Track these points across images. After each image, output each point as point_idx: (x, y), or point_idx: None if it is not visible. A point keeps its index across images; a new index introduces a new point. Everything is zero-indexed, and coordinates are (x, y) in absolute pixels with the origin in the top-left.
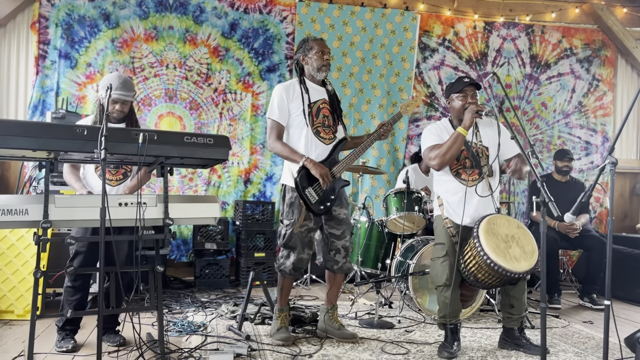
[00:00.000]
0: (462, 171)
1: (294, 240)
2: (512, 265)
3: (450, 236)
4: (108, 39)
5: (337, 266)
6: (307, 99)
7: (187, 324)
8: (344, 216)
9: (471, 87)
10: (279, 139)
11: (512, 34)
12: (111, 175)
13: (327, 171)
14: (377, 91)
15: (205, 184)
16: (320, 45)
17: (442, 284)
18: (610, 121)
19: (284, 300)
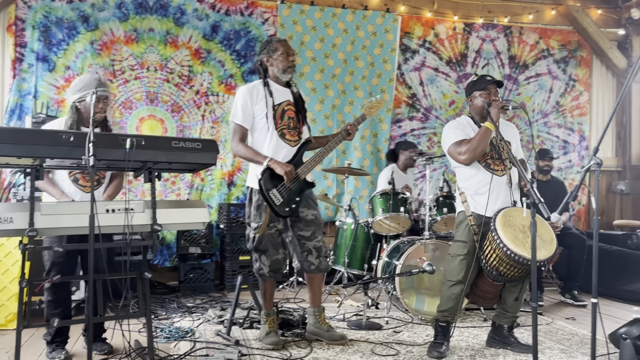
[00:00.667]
0: (491, 162)
1: (265, 243)
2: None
3: (473, 234)
4: (87, 42)
5: (313, 267)
6: (271, 101)
7: (174, 329)
8: (312, 217)
9: (493, 85)
10: (241, 141)
11: (491, 35)
12: (85, 181)
13: (292, 168)
14: (359, 92)
15: (188, 187)
16: (285, 46)
17: (456, 280)
18: (586, 120)
19: (269, 303)
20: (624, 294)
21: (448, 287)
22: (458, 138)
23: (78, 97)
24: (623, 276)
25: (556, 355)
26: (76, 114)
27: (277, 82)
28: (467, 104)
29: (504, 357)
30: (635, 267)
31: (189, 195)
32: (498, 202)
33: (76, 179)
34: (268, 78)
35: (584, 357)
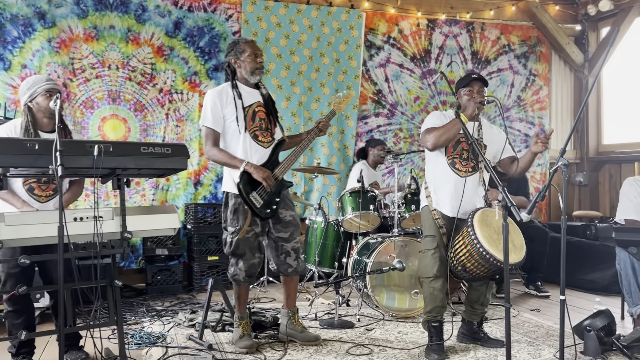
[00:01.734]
0: (457, 161)
1: (242, 247)
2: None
3: (439, 227)
4: (44, 39)
5: (291, 269)
6: (240, 103)
7: (145, 335)
8: (290, 218)
9: (478, 82)
10: (215, 145)
11: (454, 31)
12: (41, 191)
13: (270, 173)
14: (325, 89)
15: (154, 188)
16: (253, 47)
17: (432, 275)
18: (546, 114)
19: (243, 307)
20: (584, 284)
21: (427, 284)
22: (432, 125)
23: (29, 96)
24: (583, 266)
25: (524, 349)
26: (30, 115)
27: (246, 84)
28: (430, 100)
29: (475, 352)
30: (594, 257)
31: (154, 195)
32: (460, 201)
33: (31, 189)
34: (236, 80)
35: (550, 350)
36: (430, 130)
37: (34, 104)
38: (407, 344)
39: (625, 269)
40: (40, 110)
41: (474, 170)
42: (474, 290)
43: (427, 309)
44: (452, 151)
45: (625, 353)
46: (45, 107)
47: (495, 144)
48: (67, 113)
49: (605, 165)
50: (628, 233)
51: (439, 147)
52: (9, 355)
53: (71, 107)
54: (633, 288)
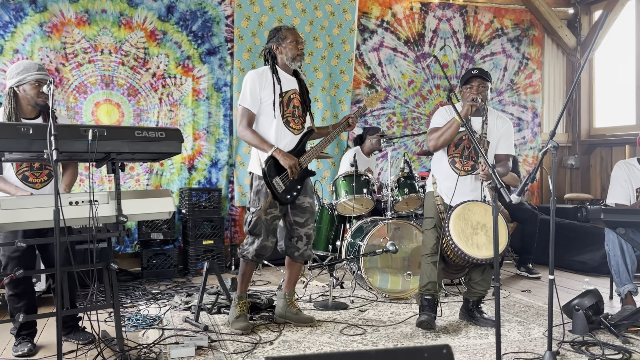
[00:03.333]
0: (457, 160)
1: (259, 227)
2: (472, 251)
3: (439, 212)
4: (36, 24)
5: (297, 253)
6: (279, 88)
7: (141, 318)
8: (307, 205)
9: (477, 79)
10: (249, 126)
11: (447, 14)
12: (35, 178)
13: (296, 162)
14: (319, 74)
15: (148, 173)
16: (294, 34)
17: (429, 252)
18: (539, 98)
19: (244, 286)
20: (574, 265)
21: (425, 261)
22: (436, 125)
23: (17, 81)
24: (573, 248)
25: (514, 328)
26: (14, 101)
27: (286, 70)
28: (424, 83)
29: (466, 332)
30: (584, 238)
31: (148, 180)
32: (458, 197)
33: (25, 177)
34: (277, 65)
35: (540, 329)
36: (433, 131)
37: (20, 90)
38: (399, 324)
39: (614, 250)
40: (25, 98)
41: (473, 169)
42: (475, 271)
43: (422, 283)
44: (454, 149)
45: (612, 331)
46: (32, 97)
47: (497, 137)
48: (60, 98)
49: (597, 149)
50: (616, 214)
51: (439, 148)
52: (11, 336)
53: (64, 92)
54: (621, 268)
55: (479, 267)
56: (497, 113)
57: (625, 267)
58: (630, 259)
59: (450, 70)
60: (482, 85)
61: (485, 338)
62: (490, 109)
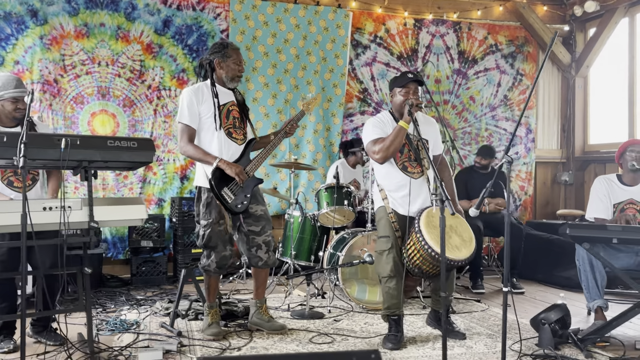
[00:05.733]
0: (408, 164)
1: (214, 239)
2: (455, 254)
3: (394, 230)
4: (36, 36)
5: (261, 262)
6: (216, 101)
7: (119, 322)
8: (261, 212)
9: (414, 83)
10: (190, 142)
11: (441, 30)
12: (19, 182)
13: (242, 169)
14: (312, 87)
15: (141, 182)
16: (239, 56)
17: (387, 275)
18: (533, 114)
19: (213, 297)
20: (561, 281)
21: (383, 284)
22: (375, 136)
23: None
24: (560, 263)
25: (482, 341)
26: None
27: (221, 84)
28: None
29: (433, 343)
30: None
31: (141, 189)
32: (417, 202)
33: (10, 182)
34: (214, 79)
35: (508, 342)
36: (375, 142)
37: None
38: (370, 334)
39: (584, 265)
40: (3, 113)
41: (422, 170)
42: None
43: (385, 305)
44: (400, 156)
45: (577, 345)
46: (9, 112)
47: (433, 137)
48: (57, 108)
49: (591, 165)
50: (581, 229)
51: (389, 159)
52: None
53: (62, 103)
54: (590, 284)
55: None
56: (422, 115)
57: (595, 282)
58: (600, 275)
59: (443, 85)
60: (417, 89)
61: (450, 349)
62: None
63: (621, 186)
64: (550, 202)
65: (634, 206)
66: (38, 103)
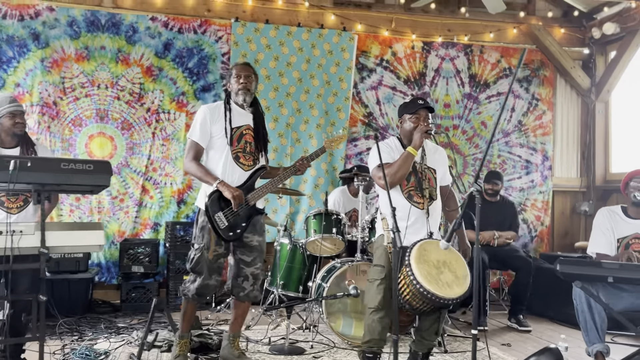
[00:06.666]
0: (414, 193)
1: (201, 265)
2: (445, 292)
3: (389, 260)
4: (37, 59)
5: (243, 293)
6: (229, 123)
7: (89, 351)
8: (256, 243)
9: (424, 110)
10: (195, 159)
11: (451, 53)
12: (10, 203)
13: (241, 193)
14: (314, 111)
15: (137, 205)
16: (238, 69)
17: (374, 307)
18: (549, 140)
19: (186, 326)
20: (571, 319)
21: (369, 314)
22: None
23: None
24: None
25: None
26: None
27: (240, 106)
28: None
29: None
30: None
31: (137, 212)
32: (415, 233)
33: (1, 202)
34: (231, 101)
35: None
36: (385, 166)
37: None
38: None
39: (581, 305)
40: (3, 130)
41: (424, 200)
42: (426, 320)
43: (365, 339)
44: (407, 184)
45: None
46: (8, 128)
47: (441, 165)
48: (55, 130)
49: (613, 195)
50: (572, 266)
51: (395, 185)
52: None
53: (60, 125)
54: (589, 325)
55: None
56: (431, 144)
57: (594, 324)
58: (600, 316)
59: (452, 110)
60: (427, 116)
61: None
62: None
63: (626, 219)
64: (570, 233)
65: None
66: (37, 125)
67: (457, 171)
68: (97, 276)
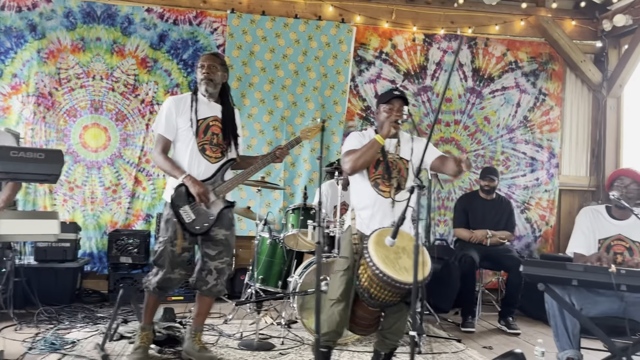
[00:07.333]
0: (381, 182)
1: (163, 259)
2: (402, 276)
3: (354, 252)
4: (34, 50)
5: (205, 287)
6: (195, 114)
7: (55, 341)
8: (222, 237)
9: (398, 100)
10: (163, 152)
11: (454, 46)
12: None
13: (206, 189)
14: (310, 104)
15: (130, 196)
16: (202, 59)
17: (335, 298)
18: (557, 137)
19: (148, 318)
20: None
21: (329, 306)
22: (351, 147)
23: None
24: None
25: None
26: None
27: (208, 97)
28: (424, 118)
29: None
30: None
31: (130, 203)
32: (379, 222)
33: None
34: (198, 92)
35: None
36: (349, 152)
37: None
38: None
39: (552, 308)
40: None
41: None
42: (389, 317)
43: (323, 330)
44: (374, 172)
45: None
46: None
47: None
48: (50, 121)
49: None
50: (536, 267)
51: (357, 171)
52: None
53: (55, 116)
54: (560, 330)
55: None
56: (407, 134)
57: (565, 329)
58: (571, 321)
59: (454, 105)
60: (401, 107)
61: None
62: (402, 131)
63: (609, 219)
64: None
65: (623, 243)
66: (32, 115)
67: None
68: (89, 266)
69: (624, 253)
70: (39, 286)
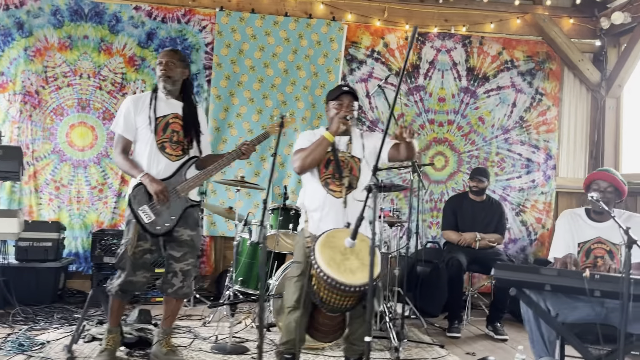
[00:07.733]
0: (331, 181)
1: (124, 261)
2: (347, 277)
3: (307, 255)
4: (21, 48)
5: (171, 290)
6: (153, 111)
7: (24, 341)
8: (186, 238)
9: (348, 96)
10: (122, 152)
11: (448, 45)
12: None
13: (164, 188)
14: (300, 103)
15: (116, 196)
16: (160, 55)
17: (291, 306)
18: (554, 137)
19: (113, 321)
20: None
21: (286, 314)
22: (300, 146)
23: None
24: None
25: None
26: None
27: (168, 95)
28: (416, 117)
29: None
30: None
31: (116, 203)
32: (330, 222)
33: None
34: (158, 90)
35: None
36: (298, 151)
37: None
38: None
39: (527, 314)
40: None
41: (350, 189)
42: (353, 324)
43: (283, 340)
44: (325, 171)
45: None
46: None
47: (373, 150)
48: (37, 119)
49: None
50: (507, 271)
51: (306, 170)
52: None
53: (42, 114)
54: (535, 336)
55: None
56: (359, 131)
57: (541, 336)
58: (547, 327)
59: (447, 104)
60: (351, 103)
61: None
62: (354, 128)
63: (589, 222)
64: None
65: (603, 246)
66: (18, 114)
67: None
68: (75, 266)
69: (604, 256)
70: (20, 286)
